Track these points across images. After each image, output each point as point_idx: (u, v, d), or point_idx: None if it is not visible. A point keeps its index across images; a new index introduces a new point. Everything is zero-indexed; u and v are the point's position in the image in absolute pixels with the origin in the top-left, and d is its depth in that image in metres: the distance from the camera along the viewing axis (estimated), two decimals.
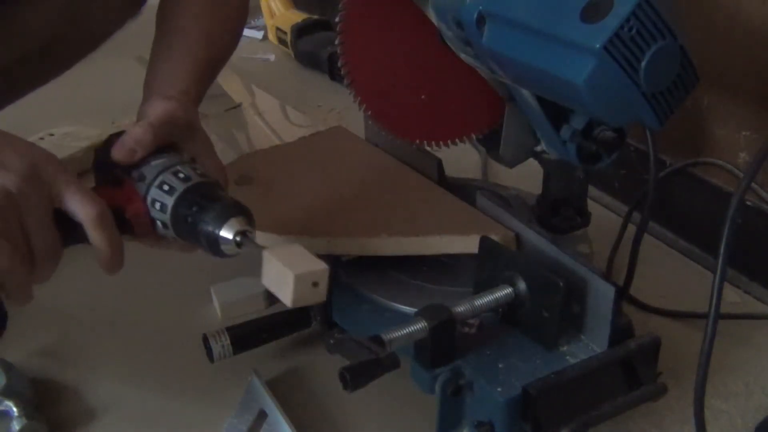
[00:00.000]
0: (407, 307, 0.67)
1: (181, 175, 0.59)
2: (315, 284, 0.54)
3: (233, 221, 0.56)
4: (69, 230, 0.58)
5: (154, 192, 0.59)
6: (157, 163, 0.60)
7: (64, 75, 0.86)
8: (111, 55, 0.88)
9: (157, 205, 0.59)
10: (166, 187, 0.59)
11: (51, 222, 0.56)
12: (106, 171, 0.63)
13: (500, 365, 0.58)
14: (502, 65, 0.64)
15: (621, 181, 0.98)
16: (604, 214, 0.98)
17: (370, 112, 0.74)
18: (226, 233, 0.56)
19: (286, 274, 0.53)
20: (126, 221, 0.60)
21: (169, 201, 0.58)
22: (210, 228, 0.57)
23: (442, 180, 0.81)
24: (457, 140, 0.78)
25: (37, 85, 0.84)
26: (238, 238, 0.56)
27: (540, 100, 0.67)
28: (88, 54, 0.84)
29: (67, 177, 0.56)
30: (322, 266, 0.54)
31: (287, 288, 0.53)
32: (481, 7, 0.62)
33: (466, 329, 0.61)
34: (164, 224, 0.59)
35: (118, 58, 1.16)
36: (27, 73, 0.80)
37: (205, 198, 0.58)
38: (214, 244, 0.57)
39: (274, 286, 0.55)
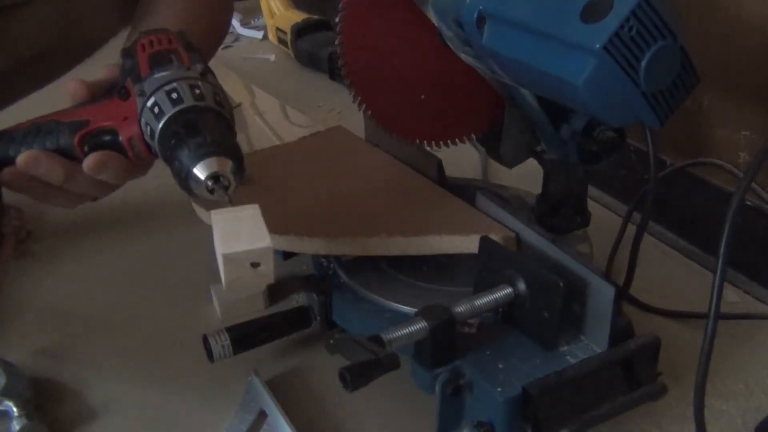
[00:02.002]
0: (407, 307, 0.67)
1: (174, 96, 0.52)
2: (254, 265, 0.48)
3: (211, 161, 0.50)
4: None
5: (146, 114, 0.53)
6: (160, 76, 0.54)
7: (65, 75, 0.86)
8: (111, 56, 0.87)
9: (148, 130, 0.54)
10: (156, 110, 0.53)
11: None
12: (123, 78, 0.58)
13: (500, 365, 0.58)
14: (502, 65, 0.64)
15: (621, 181, 0.98)
16: (604, 214, 0.98)
17: (370, 112, 0.74)
18: (199, 172, 0.50)
19: (218, 250, 0.47)
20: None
21: (157, 126, 0.52)
22: (185, 162, 0.50)
23: (442, 180, 0.81)
24: (457, 140, 0.78)
25: (32, 90, 0.85)
26: (209, 182, 0.50)
27: (540, 100, 0.67)
28: (82, 61, 0.84)
29: None
30: (264, 243, 0.47)
31: (221, 268, 0.48)
32: (481, 7, 0.62)
33: (466, 329, 0.61)
34: (155, 151, 0.54)
35: (116, 59, 1.16)
36: (21, 80, 0.81)
37: (191, 127, 0.51)
38: (185, 181, 0.51)
39: (218, 261, 0.49)
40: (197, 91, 0.54)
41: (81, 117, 0.57)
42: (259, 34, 1.75)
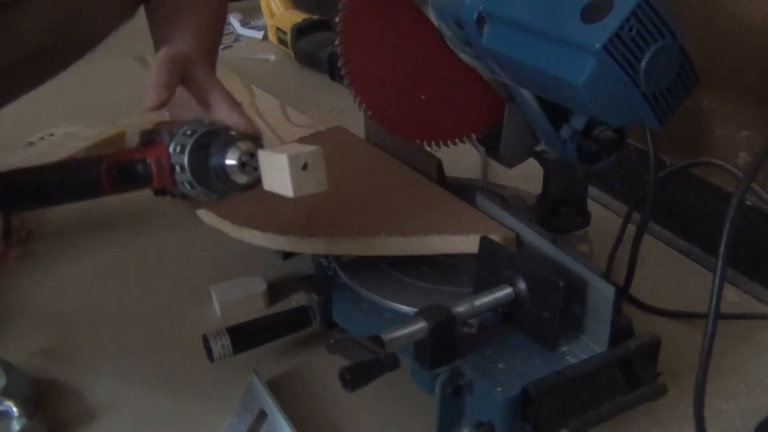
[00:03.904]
0: (407, 307, 0.67)
1: (188, 132, 0.60)
2: (306, 166, 0.55)
3: (234, 148, 0.58)
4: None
5: (174, 157, 0.60)
6: (178, 130, 0.61)
7: (65, 75, 0.86)
8: (111, 56, 0.88)
9: (178, 168, 0.60)
10: (179, 149, 0.59)
11: None
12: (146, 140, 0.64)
13: (500, 365, 0.58)
14: (502, 65, 0.64)
15: (621, 181, 0.98)
16: (604, 214, 0.98)
17: (370, 112, 0.74)
18: (230, 161, 0.58)
19: (280, 161, 0.55)
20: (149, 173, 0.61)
21: (184, 159, 0.59)
22: (216, 162, 0.58)
23: (442, 180, 0.81)
24: (457, 140, 0.78)
25: (34, 86, 0.85)
26: (243, 159, 0.58)
27: (540, 100, 0.67)
28: (83, 56, 0.84)
29: None
30: (315, 147, 0.56)
31: (285, 175, 0.55)
32: (481, 7, 0.62)
33: (466, 329, 0.61)
34: (191, 184, 0.60)
35: (118, 58, 1.16)
36: (23, 75, 0.81)
37: (210, 139, 0.59)
38: (225, 177, 0.58)
39: (273, 183, 0.57)
40: (208, 121, 0.61)
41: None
42: (259, 34, 1.75)
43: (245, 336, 0.71)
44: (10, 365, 0.70)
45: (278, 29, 1.60)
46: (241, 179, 0.58)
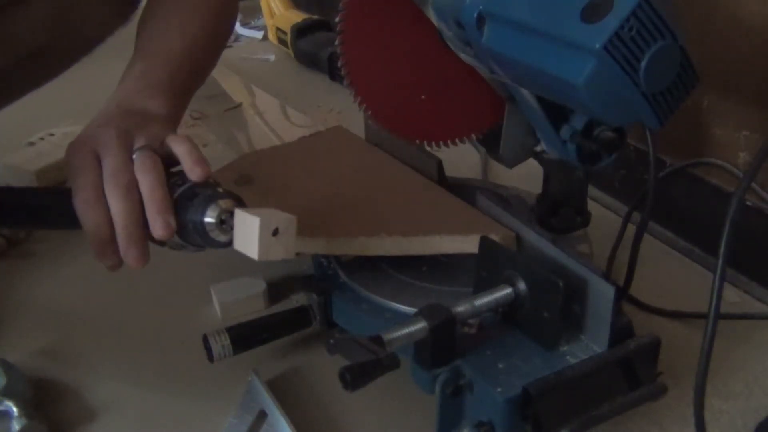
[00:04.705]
0: (407, 307, 0.67)
1: (179, 182, 0.61)
2: (281, 234, 0.56)
3: (214, 205, 0.58)
4: None
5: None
6: (170, 180, 0.62)
7: (65, 75, 0.86)
8: (111, 56, 0.88)
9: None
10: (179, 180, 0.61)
11: None
12: None
13: (500, 365, 0.58)
14: (502, 65, 0.64)
15: (621, 181, 0.98)
16: (604, 214, 0.98)
17: (370, 112, 0.74)
18: (209, 218, 0.58)
19: (252, 222, 0.55)
20: None
21: (175, 192, 0.60)
22: (195, 216, 0.58)
23: (442, 180, 0.81)
24: (457, 140, 0.78)
25: (30, 89, 0.85)
26: (222, 217, 0.58)
27: (540, 100, 0.67)
28: (79, 59, 0.84)
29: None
30: (287, 215, 0.57)
31: (253, 237, 0.55)
32: (481, 7, 0.62)
33: (466, 329, 0.61)
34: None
35: (117, 58, 1.16)
36: (18, 78, 0.80)
37: (197, 191, 0.60)
38: (204, 234, 0.58)
39: (243, 244, 0.57)
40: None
41: None
42: (259, 34, 1.75)
43: (245, 336, 0.71)
44: (10, 365, 0.70)
45: (278, 29, 1.60)
46: (219, 237, 0.59)
